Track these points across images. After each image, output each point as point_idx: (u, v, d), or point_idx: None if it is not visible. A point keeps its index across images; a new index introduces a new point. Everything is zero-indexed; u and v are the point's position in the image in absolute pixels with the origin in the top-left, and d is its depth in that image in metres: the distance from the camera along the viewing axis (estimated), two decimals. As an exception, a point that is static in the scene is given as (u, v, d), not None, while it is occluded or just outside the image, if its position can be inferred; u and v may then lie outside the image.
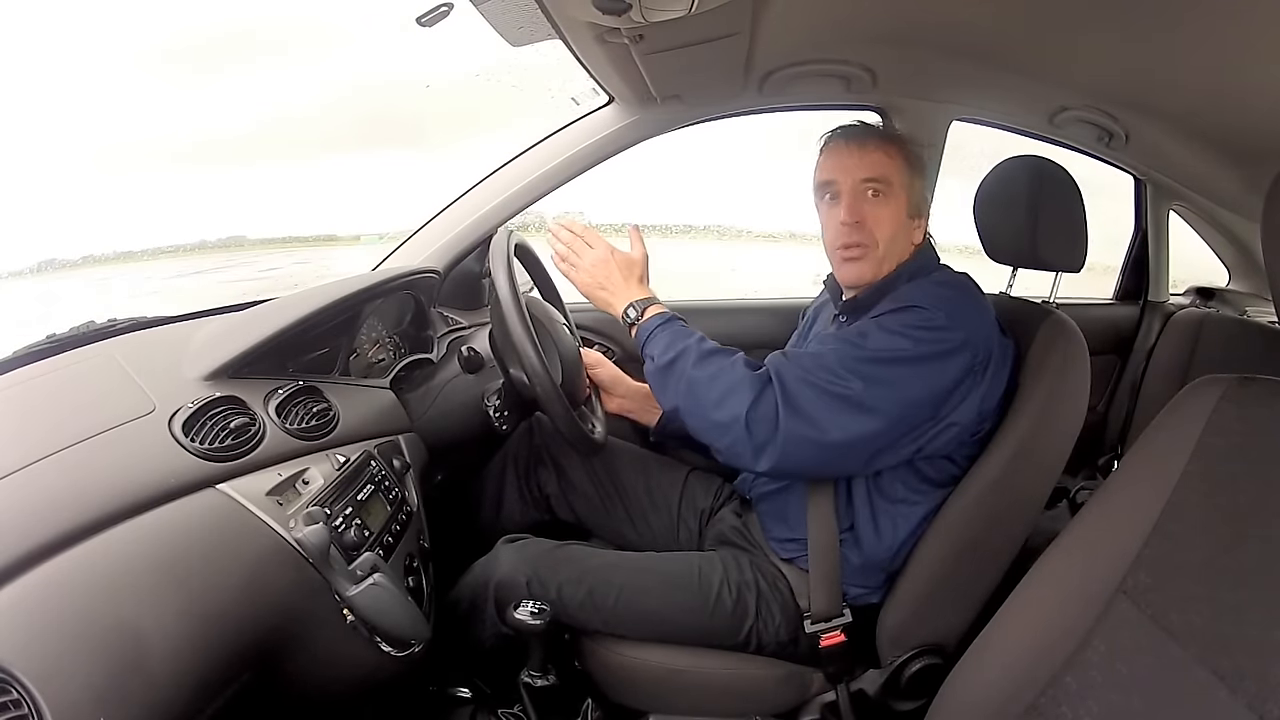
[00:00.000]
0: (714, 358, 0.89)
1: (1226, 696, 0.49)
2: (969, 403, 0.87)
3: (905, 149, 0.98)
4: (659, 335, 0.94)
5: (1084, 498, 1.62)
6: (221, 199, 2.11)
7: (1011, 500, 0.91)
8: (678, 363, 0.90)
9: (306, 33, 2.88)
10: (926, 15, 1.11)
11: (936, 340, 0.85)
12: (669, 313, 0.97)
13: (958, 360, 0.85)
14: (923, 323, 0.86)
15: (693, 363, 0.89)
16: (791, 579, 1.00)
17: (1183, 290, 2.12)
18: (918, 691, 0.93)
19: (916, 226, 0.99)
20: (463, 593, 1.01)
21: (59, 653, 0.47)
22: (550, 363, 1.01)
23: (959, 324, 0.86)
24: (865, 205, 0.95)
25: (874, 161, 0.95)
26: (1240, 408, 0.59)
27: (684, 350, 0.90)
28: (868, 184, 0.95)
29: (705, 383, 0.87)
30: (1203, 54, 0.99)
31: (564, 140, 1.38)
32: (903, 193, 0.96)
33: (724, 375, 0.87)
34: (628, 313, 0.98)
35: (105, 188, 1.81)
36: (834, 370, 0.85)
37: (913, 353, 0.85)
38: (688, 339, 0.92)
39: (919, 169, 0.99)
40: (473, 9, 0.91)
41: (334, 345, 1.05)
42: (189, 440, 0.69)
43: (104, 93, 1.87)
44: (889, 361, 0.85)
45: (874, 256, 0.96)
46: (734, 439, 0.85)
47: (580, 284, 1.02)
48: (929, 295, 0.89)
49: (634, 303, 0.98)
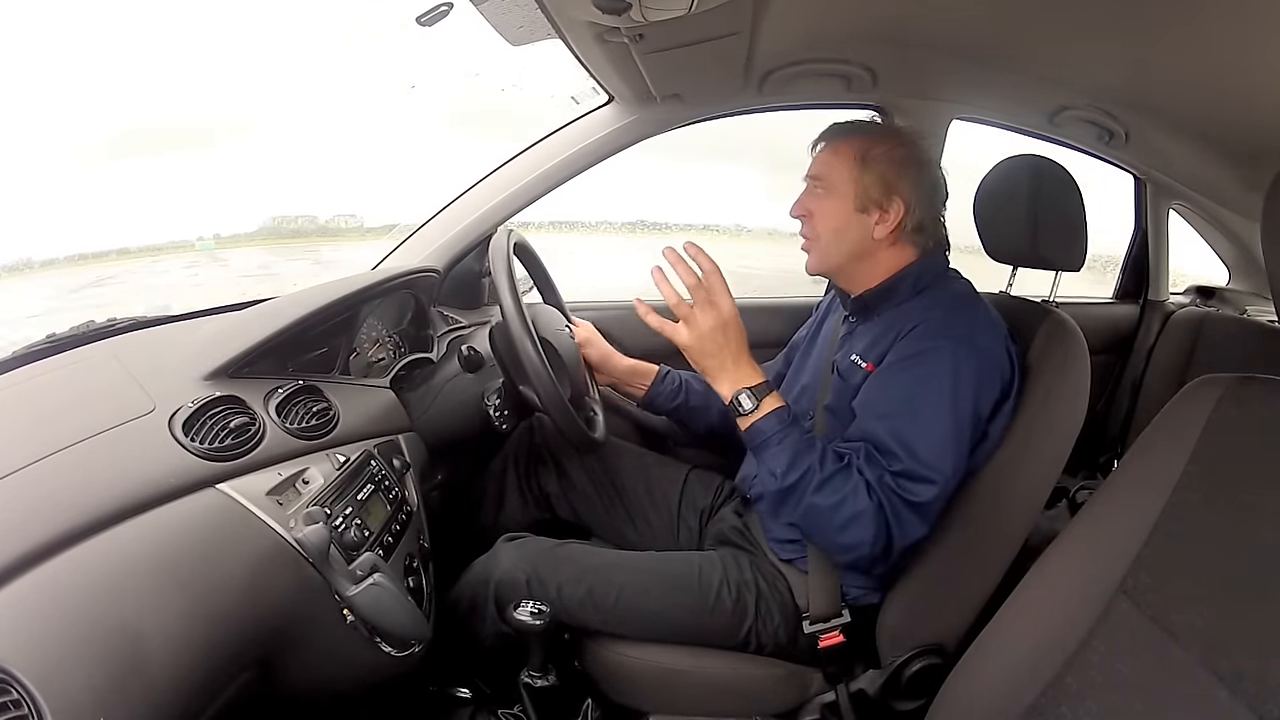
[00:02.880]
0: (834, 480, 0.85)
1: (1226, 697, 0.49)
2: (1002, 413, 0.91)
3: (863, 144, 0.98)
4: (779, 451, 0.86)
5: (1084, 498, 1.63)
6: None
7: (1011, 500, 0.91)
8: (799, 487, 0.86)
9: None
10: (927, 15, 1.11)
11: (962, 377, 0.87)
12: (785, 409, 0.89)
13: (989, 386, 0.89)
14: (947, 367, 0.88)
15: (813, 488, 0.85)
16: (791, 579, 1.00)
17: (1183, 289, 2.12)
18: (917, 691, 0.93)
19: (877, 221, 0.97)
20: (463, 592, 1.01)
21: (59, 653, 0.47)
22: (552, 365, 1.01)
23: (973, 352, 0.88)
24: (810, 201, 1.01)
25: (819, 160, 1.02)
26: (1240, 407, 0.59)
27: (807, 472, 0.85)
28: (812, 181, 1.02)
29: (827, 512, 0.85)
30: (1203, 53, 0.99)
31: (564, 139, 1.38)
32: (846, 188, 0.97)
33: (846, 504, 0.84)
34: (741, 401, 0.88)
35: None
36: (918, 475, 0.85)
37: (952, 400, 0.87)
38: (810, 457, 0.86)
39: (882, 163, 0.97)
40: (472, 9, 0.91)
41: (334, 345, 1.04)
42: (189, 440, 0.69)
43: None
44: (943, 429, 0.86)
45: (818, 249, 1.01)
46: (856, 557, 0.88)
47: (685, 345, 0.87)
48: (942, 329, 0.90)
49: (750, 390, 0.88)
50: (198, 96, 2.68)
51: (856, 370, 0.96)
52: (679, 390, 1.26)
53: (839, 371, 1.00)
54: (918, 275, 0.99)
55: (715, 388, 0.90)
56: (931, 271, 1.00)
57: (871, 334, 0.98)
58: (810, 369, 1.12)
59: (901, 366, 0.90)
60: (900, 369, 0.90)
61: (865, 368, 0.95)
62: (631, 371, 1.26)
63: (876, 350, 0.95)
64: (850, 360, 0.98)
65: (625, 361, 1.27)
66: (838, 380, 1.00)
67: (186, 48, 2.85)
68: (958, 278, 1.01)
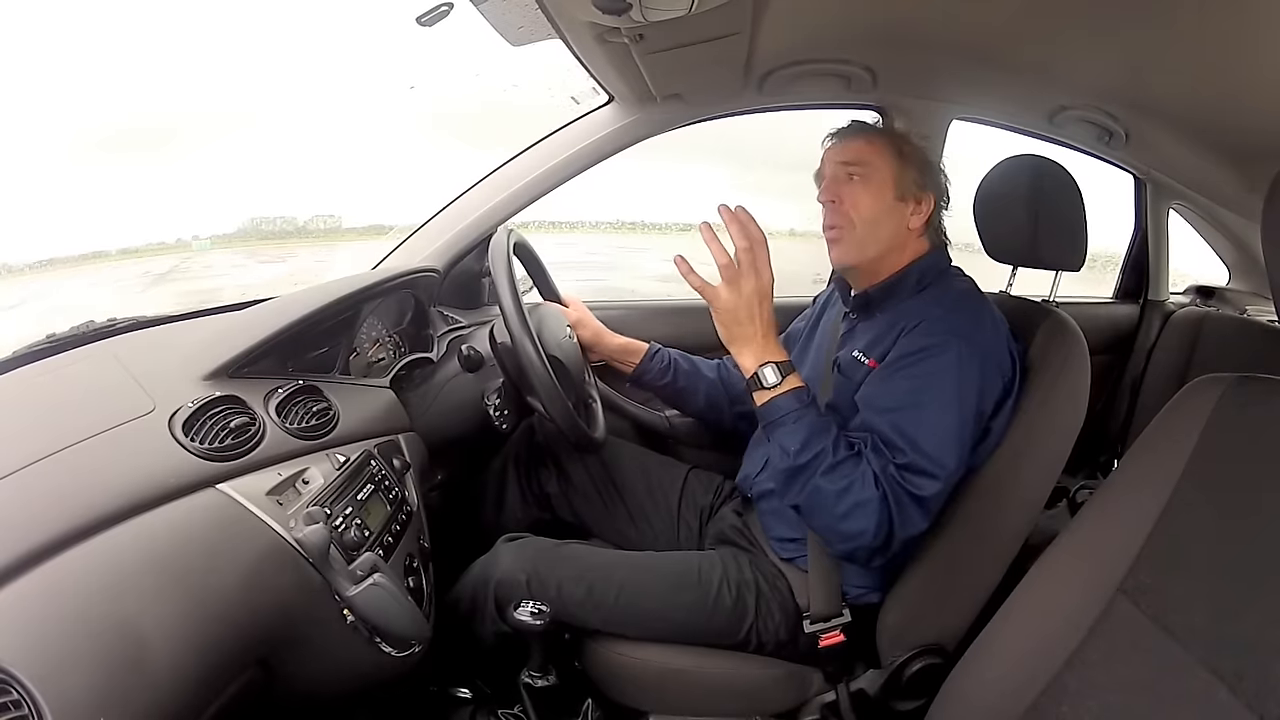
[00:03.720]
0: (843, 466, 0.85)
1: (1226, 696, 0.49)
2: (1004, 410, 0.91)
3: (894, 140, 1.00)
4: (795, 427, 0.86)
5: (1084, 498, 1.63)
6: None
7: (1011, 500, 0.91)
8: (809, 467, 0.85)
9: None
10: (927, 15, 1.11)
11: (965, 374, 0.87)
12: (805, 390, 0.89)
13: (991, 383, 0.89)
14: (952, 363, 0.88)
15: (823, 470, 0.85)
16: (791, 578, 1.00)
17: (1183, 290, 2.12)
18: (918, 691, 0.93)
19: (913, 212, 0.99)
20: (463, 592, 1.01)
21: (59, 653, 0.47)
22: (556, 373, 1.01)
23: (977, 349, 0.89)
24: (843, 187, 0.99)
25: (853, 148, 1.00)
26: (1240, 407, 0.59)
27: (819, 454, 0.85)
28: (846, 167, 0.99)
29: (833, 496, 0.85)
30: (1203, 54, 0.99)
31: (564, 139, 1.38)
32: (885, 176, 0.97)
33: (851, 491, 0.84)
34: (764, 374, 0.87)
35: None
36: (921, 469, 0.85)
37: (957, 396, 0.87)
38: (824, 439, 0.86)
39: (913, 160, 0.99)
40: (473, 9, 0.91)
41: (334, 344, 1.04)
42: (189, 440, 0.69)
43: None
44: (946, 423, 0.86)
45: (852, 238, 0.98)
46: (855, 547, 0.87)
47: (723, 309, 0.86)
48: (946, 326, 0.90)
49: (774, 365, 0.87)
50: (173, 96, 2.69)
51: (859, 367, 0.96)
52: (668, 369, 1.27)
53: (841, 368, 1.00)
54: (922, 272, 0.99)
55: (739, 359, 0.89)
56: (935, 269, 1.00)
57: (874, 330, 0.98)
58: (809, 365, 1.12)
59: (905, 363, 0.90)
60: (904, 365, 0.90)
61: (868, 364, 0.95)
62: (623, 349, 1.28)
63: (879, 347, 0.95)
64: (852, 356, 0.98)
65: (616, 340, 1.28)
66: (839, 377, 1.00)
67: (162, 47, 2.85)
68: (960, 275, 1.01)
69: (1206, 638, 0.52)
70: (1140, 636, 0.56)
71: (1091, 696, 0.57)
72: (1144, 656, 0.55)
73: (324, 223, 2.65)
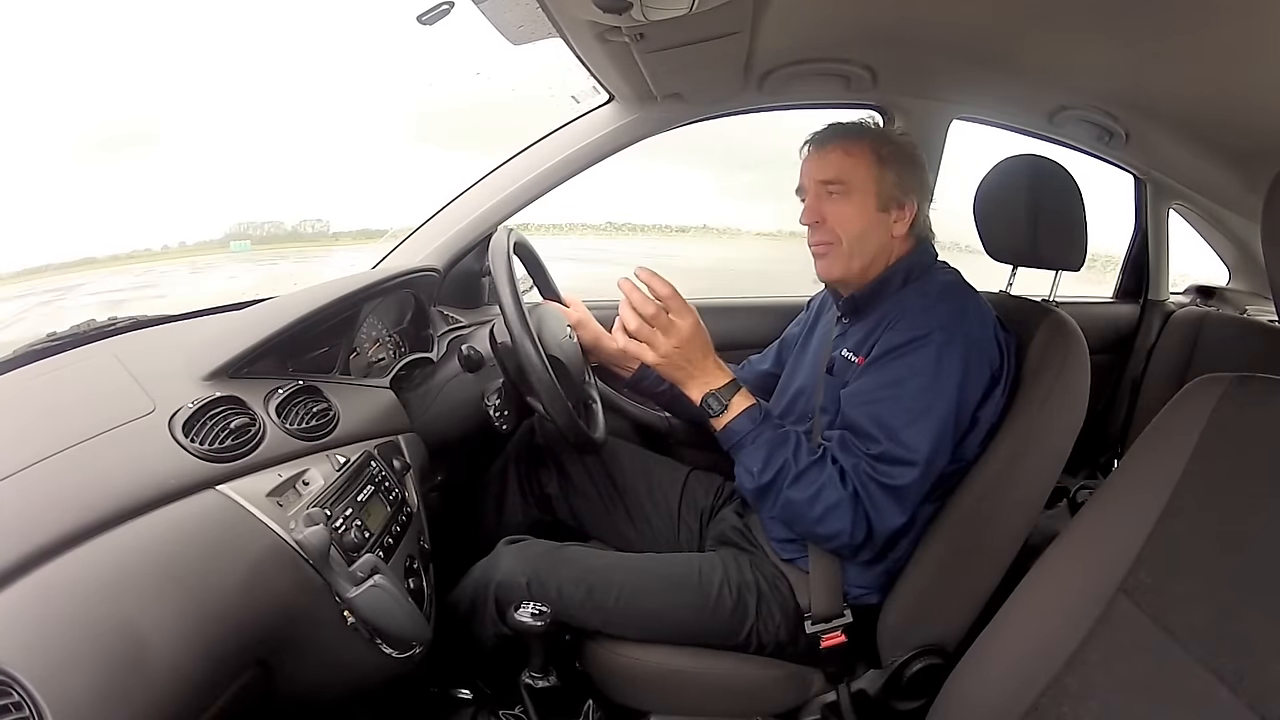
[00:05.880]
0: (809, 473, 0.88)
1: (1227, 696, 0.49)
2: (992, 399, 0.91)
3: (874, 144, 0.99)
4: (754, 448, 0.90)
5: (1084, 498, 1.63)
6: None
7: (1011, 500, 0.91)
8: (776, 483, 0.89)
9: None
10: (927, 15, 1.11)
11: (946, 364, 0.87)
12: (756, 407, 0.92)
13: (976, 372, 0.89)
14: (933, 355, 0.88)
15: (789, 482, 0.88)
16: (792, 579, 1.00)
17: (1183, 289, 2.12)
18: (918, 691, 0.93)
19: (896, 219, 0.99)
20: (463, 594, 1.01)
21: (60, 655, 0.47)
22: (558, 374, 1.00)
23: (959, 338, 0.88)
24: (825, 205, 0.99)
25: (831, 163, 0.99)
26: (1240, 407, 0.59)
27: (782, 468, 0.88)
28: (826, 185, 0.99)
29: (804, 504, 0.88)
30: (1203, 54, 0.99)
31: (564, 138, 1.38)
32: (867, 188, 0.97)
33: (822, 496, 0.87)
34: (709, 404, 0.92)
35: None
36: (897, 457, 0.86)
37: (936, 384, 0.87)
38: (784, 453, 0.89)
39: (895, 162, 0.98)
40: (473, 7, 0.91)
41: (334, 344, 1.04)
42: (189, 441, 0.69)
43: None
44: (925, 411, 0.87)
45: (840, 252, 0.99)
46: (837, 546, 0.91)
47: (658, 361, 0.91)
48: (929, 318, 0.90)
49: (716, 393, 0.92)
50: (157, 99, 2.70)
51: (849, 366, 0.97)
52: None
53: (833, 370, 1.01)
54: (907, 269, 0.99)
55: (688, 395, 0.93)
56: (920, 264, 1.00)
57: (864, 330, 0.99)
58: (805, 371, 1.12)
59: (888, 357, 0.90)
60: (886, 359, 0.91)
61: (856, 362, 0.96)
62: (622, 354, 1.25)
63: (867, 345, 0.95)
64: (843, 356, 0.99)
65: (616, 344, 1.27)
66: (831, 379, 1.00)
67: (148, 50, 2.86)
68: (945, 268, 1.01)
69: (1207, 637, 0.52)
70: (1141, 636, 0.56)
71: (1092, 696, 0.57)
72: (1144, 656, 0.55)
73: (312, 227, 2.64)
